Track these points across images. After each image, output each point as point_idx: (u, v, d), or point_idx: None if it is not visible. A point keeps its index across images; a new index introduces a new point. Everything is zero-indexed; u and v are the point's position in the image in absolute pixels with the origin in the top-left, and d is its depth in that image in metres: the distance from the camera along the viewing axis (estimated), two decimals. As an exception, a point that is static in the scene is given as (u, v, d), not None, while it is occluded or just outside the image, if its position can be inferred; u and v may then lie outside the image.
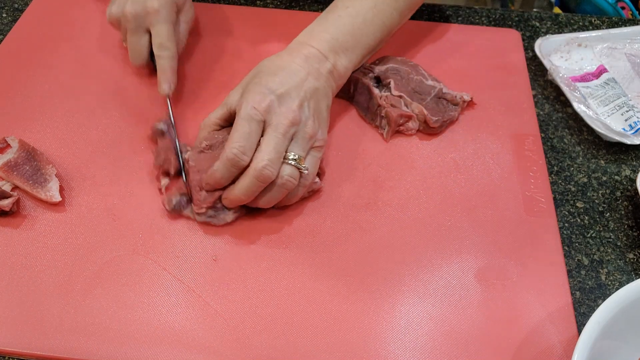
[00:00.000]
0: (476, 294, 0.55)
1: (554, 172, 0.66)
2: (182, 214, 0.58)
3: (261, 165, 0.53)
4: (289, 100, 0.56)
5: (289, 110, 0.55)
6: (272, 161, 0.53)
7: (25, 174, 0.59)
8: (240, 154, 0.53)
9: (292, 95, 0.56)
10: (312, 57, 0.59)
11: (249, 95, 0.55)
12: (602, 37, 0.78)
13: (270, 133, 0.54)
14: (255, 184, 0.54)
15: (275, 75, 0.57)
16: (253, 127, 0.54)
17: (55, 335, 0.51)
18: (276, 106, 0.55)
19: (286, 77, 0.57)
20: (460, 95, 0.68)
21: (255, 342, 0.51)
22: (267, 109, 0.54)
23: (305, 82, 0.57)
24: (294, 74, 0.57)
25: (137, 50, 0.67)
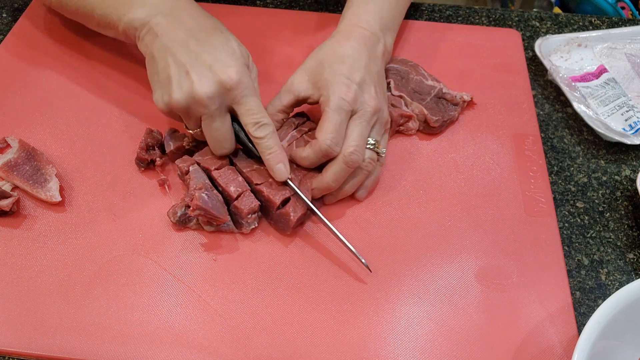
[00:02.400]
0: (476, 294, 0.55)
1: (554, 172, 0.66)
2: (187, 226, 0.58)
3: (349, 151, 0.55)
4: (367, 87, 0.58)
5: (371, 98, 0.57)
6: (360, 147, 0.56)
7: (25, 174, 0.59)
8: (333, 145, 0.55)
9: (367, 82, 0.58)
10: (367, 39, 0.61)
11: (332, 86, 0.56)
12: (602, 37, 0.78)
13: (357, 121, 0.56)
14: (344, 170, 0.56)
15: (343, 62, 0.58)
16: (343, 117, 0.56)
17: (55, 335, 0.51)
18: (360, 95, 0.57)
19: (354, 64, 0.58)
20: (460, 95, 0.68)
21: (255, 342, 0.51)
22: (354, 98, 0.56)
23: (370, 68, 0.60)
24: (358, 60, 0.59)
25: (223, 137, 0.56)
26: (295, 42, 0.77)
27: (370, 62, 0.60)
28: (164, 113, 0.56)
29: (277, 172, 0.55)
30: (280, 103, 0.60)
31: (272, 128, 0.55)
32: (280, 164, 0.55)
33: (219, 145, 0.56)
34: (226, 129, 0.55)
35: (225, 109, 0.55)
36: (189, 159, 0.59)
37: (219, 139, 0.56)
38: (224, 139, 0.56)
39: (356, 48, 0.60)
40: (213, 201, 0.54)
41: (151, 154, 0.62)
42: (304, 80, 0.59)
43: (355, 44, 0.60)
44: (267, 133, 0.55)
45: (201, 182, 0.56)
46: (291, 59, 0.74)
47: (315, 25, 0.79)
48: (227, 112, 0.55)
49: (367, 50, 0.60)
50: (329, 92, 0.56)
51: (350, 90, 0.56)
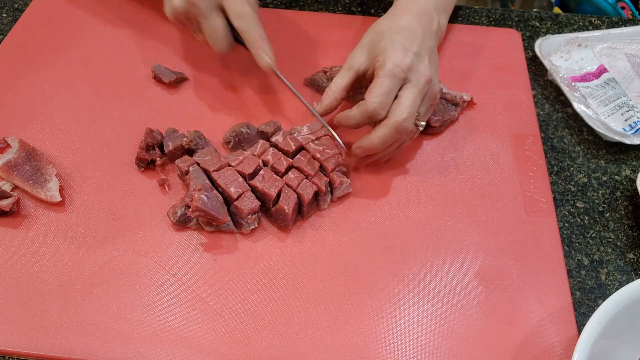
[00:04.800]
0: (476, 294, 0.55)
1: (554, 172, 0.66)
2: (187, 226, 0.58)
3: (402, 117, 0.56)
4: (423, 58, 0.58)
5: (426, 69, 0.58)
6: (412, 115, 0.57)
7: (25, 174, 0.59)
8: (380, 108, 0.56)
9: (422, 54, 0.59)
10: (422, 15, 0.62)
11: (389, 52, 0.57)
12: (602, 37, 0.78)
13: (410, 89, 0.57)
14: (393, 135, 0.57)
15: (399, 34, 0.59)
16: (395, 83, 0.56)
17: (55, 335, 0.51)
18: (415, 64, 0.57)
19: (410, 36, 0.59)
20: (460, 95, 0.68)
21: (255, 342, 0.51)
22: (409, 66, 0.57)
23: (425, 42, 0.60)
24: (414, 33, 0.60)
25: (218, 33, 0.61)
26: (295, 41, 0.77)
27: (425, 37, 0.61)
28: (173, 20, 0.63)
29: (261, 60, 0.61)
30: (341, 81, 0.61)
31: (253, 20, 0.60)
32: (263, 52, 0.61)
33: (215, 41, 0.62)
34: (218, 24, 0.61)
35: (216, 7, 0.60)
36: (189, 159, 0.59)
37: (215, 36, 0.61)
38: (218, 35, 0.61)
39: (412, 22, 0.61)
40: (213, 202, 0.54)
41: (151, 154, 0.62)
42: (362, 54, 0.61)
43: (412, 18, 0.61)
44: (248, 24, 0.60)
45: (201, 182, 0.56)
46: (291, 58, 0.74)
47: (315, 25, 0.79)
48: (219, 10, 0.60)
49: (422, 25, 0.61)
50: (385, 57, 0.57)
51: (407, 57, 0.57)
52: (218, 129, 0.65)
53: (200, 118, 0.67)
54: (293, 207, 0.56)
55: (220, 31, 0.61)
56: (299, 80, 0.72)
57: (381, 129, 0.57)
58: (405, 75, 0.57)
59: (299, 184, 0.57)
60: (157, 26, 0.77)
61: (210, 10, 0.60)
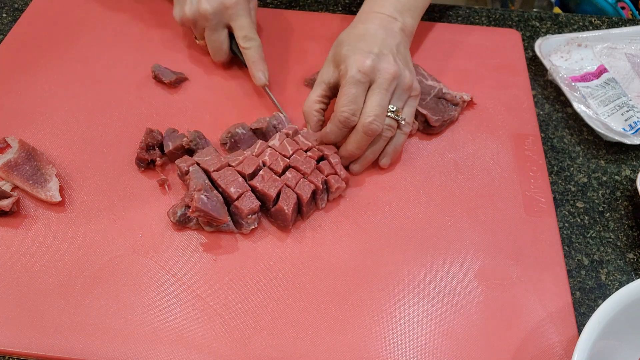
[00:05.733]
0: (476, 294, 0.55)
1: (554, 172, 0.66)
2: (186, 226, 0.58)
3: (368, 120, 0.57)
4: (386, 56, 0.60)
5: (389, 65, 0.59)
6: (378, 116, 0.58)
7: (25, 174, 0.59)
8: (350, 115, 0.58)
9: (385, 52, 0.60)
10: (383, 20, 0.63)
11: (350, 59, 0.59)
12: (602, 37, 0.78)
13: (375, 89, 0.58)
14: (364, 139, 0.59)
15: (360, 40, 0.61)
16: (360, 89, 0.58)
17: (55, 335, 0.51)
18: (377, 64, 0.58)
19: (371, 39, 0.61)
20: (460, 95, 0.68)
21: (255, 342, 0.51)
22: (370, 68, 0.58)
23: (388, 41, 0.62)
24: (375, 36, 0.61)
25: (219, 46, 0.69)
26: (295, 41, 0.77)
27: (388, 37, 0.62)
28: (180, 24, 0.69)
29: (257, 78, 0.67)
30: (315, 96, 0.63)
31: (257, 43, 0.67)
32: (260, 72, 0.67)
33: (217, 52, 0.70)
34: (222, 40, 0.68)
35: (223, 24, 0.67)
36: (189, 159, 0.59)
37: (216, 48, 0.69)
38: (219, 48, 0.69)
39: (373, 28, 0.63)
40: (212, 202, 0.54)
41: (151, 154, 0.62)
42: (329, 66, 0.63)
43: (372, 25, 0.63)
44: (252, 45, 0.67)
45: (201, 182, 0.56)
46: (291, 58, 0.74)
47: (315, 25, 0.79)
48: (225, 27, 0.68)
49: (384, 28, 0.63)
50: (347, 64, 0.59)
51: (368, 60, 0.58)
52: (218, 129, 0.65)
53: (200, 118, 0.67)
54: (292, 207, 0.56)
55: (223, 45, 0.69)
56: (299, 80, 0.72)
57: (352, 134, 0.59)
58: (370, 78, 0.58)
59: (297, 184, 0.57)
60: (157, 26, 0.77)
61: (217, 25, 0.67)
